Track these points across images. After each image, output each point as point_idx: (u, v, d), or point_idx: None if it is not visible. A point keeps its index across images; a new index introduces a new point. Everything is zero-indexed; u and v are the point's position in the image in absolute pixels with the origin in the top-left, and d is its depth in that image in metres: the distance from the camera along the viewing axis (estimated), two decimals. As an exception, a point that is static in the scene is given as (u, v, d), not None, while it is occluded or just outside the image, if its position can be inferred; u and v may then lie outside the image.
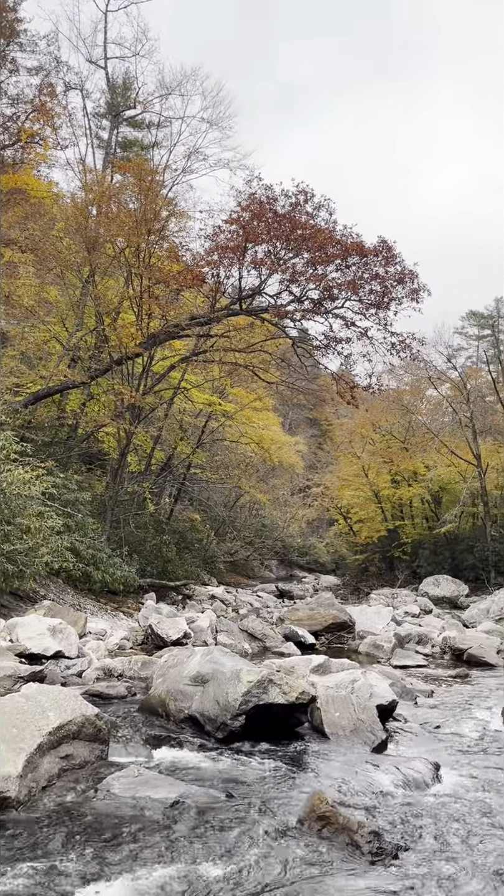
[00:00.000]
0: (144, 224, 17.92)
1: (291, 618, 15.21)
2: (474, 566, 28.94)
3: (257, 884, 3.85)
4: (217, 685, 6.91)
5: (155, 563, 19.16)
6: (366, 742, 6.64)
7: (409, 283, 17.81)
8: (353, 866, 4.12)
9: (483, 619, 16.79)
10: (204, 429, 25.48)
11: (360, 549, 36.63)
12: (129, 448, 19.52)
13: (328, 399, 26.11)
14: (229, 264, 18.19)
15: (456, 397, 33.76)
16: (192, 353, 20.52)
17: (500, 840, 4.59)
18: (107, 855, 4.09)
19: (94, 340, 18.98)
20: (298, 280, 18.13)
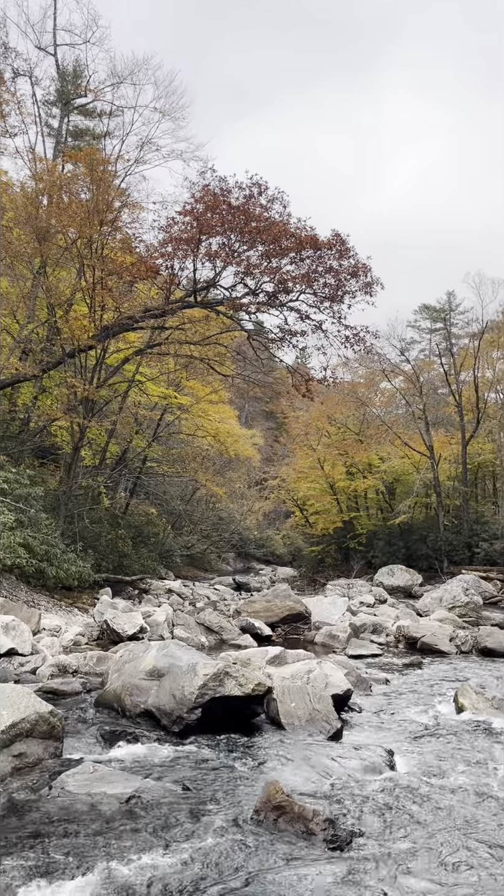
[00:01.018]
0: (97, 215, 17.64)
1: (248, 610, 15.25)
2: (428, 556, 29.45)
3: (214, 875, 3.86)
4: (173, 679, 6.89)
5: (110, 557, 18.96)
6: (321, 731, 6.71)
7: (362, 276, 17.92)
8: (309, 854, 4.17)
9: (436, 607, 17.09)
10: (159, 422, 25.28)
11: (316, 541, 36.90)
12: (83, 442, 19.25)
13: (284, 392, 26.21)
14: (183, 256, 18.04)
15: (409, 390, 34.22)
16: (146, 346, 20.32)
17: (448, 822, 4.70)
18: (60, 852, 4.06)
19: (46, 332, 18.62)
20: (253, 273, 18.07)
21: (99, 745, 6.14)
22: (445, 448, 32.53)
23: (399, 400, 36.52)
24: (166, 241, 17.96)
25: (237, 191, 17.67)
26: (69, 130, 28.77)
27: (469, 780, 5.56)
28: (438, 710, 8.08)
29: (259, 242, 17.61)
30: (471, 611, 16.89)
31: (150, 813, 4.67)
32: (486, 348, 33.10)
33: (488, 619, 16.47)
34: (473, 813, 4.86)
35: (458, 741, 6.73)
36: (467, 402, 32.54)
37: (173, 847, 4.18)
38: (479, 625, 15.20)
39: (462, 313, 39.68)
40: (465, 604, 17.07)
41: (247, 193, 17.64)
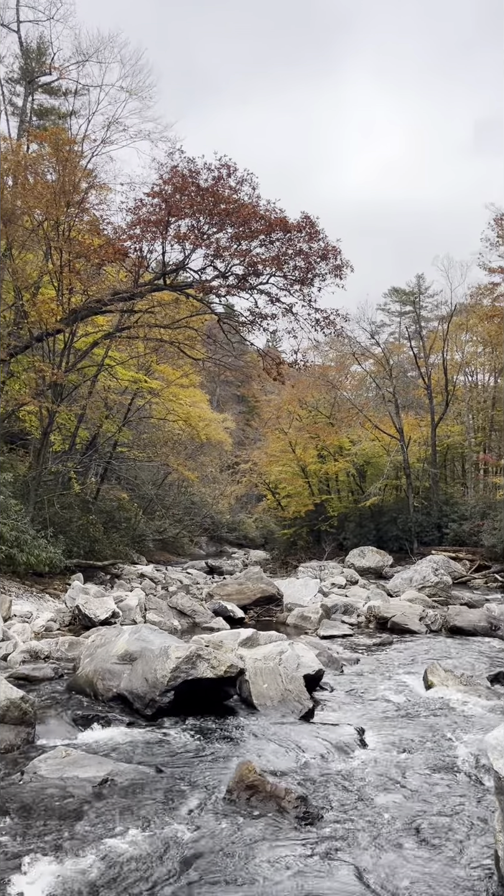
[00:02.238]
0: (63, 196, 17.36)
1: (220, 593, 15.30)
2: (398, 537, 29.80)
3: (188, 854, 3.89)
4: (145, 663, 6.91)
5: (82, 543, 18.87)
6: (293, 711, 6.78)
7: (332, 259, 17.93)
8: (282, 831, 4.22)
9: (407, 587, 17.32)
10: (130, 406, 25.13)
11: (288, 524, 37.12)
12: (52, 427, 19.07)
13: (255, 375, 26.17)
14: (152, 238, 17.86)
15: (379, 373, 34.43)
16: (115, 329, 20.13)
17: (416, 796, 4.79)
18: (32, 836, 4.06)
19: (13, 316, 18.35)
20: (223, 255, 17.98)
21: (71, 730, 6.13)
22: (415, 430, 32.85)
23: (369, 383, 36.76)
24: (134, 223, 17.76)
25: (206, 172, 17.53)
26: (34, 109, 28.19)
27: (437, 755, 5.67)
28: (408, 687, 8.20)
29: (228, 224, 17.50)
30: (440, 590, 17.16)
31: (124, 796, 4.69)
32: (455, 331, 33.43)
33: (457, 599, 16.74)
34: (441, 787, 4.96)
35: (427, 718, 6.84)
36: (436, 384, 32.86)
37: (148, 828, 4.20)
38: (448, 604, 15.45)
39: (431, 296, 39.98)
40: (434, 584, 17.33)
41: (216, 175, 17.51)
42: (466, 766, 5.37)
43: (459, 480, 36.12)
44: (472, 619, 12.68)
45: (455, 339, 34.46)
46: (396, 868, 3.79)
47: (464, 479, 35.59)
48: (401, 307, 43.89)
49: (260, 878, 3.63)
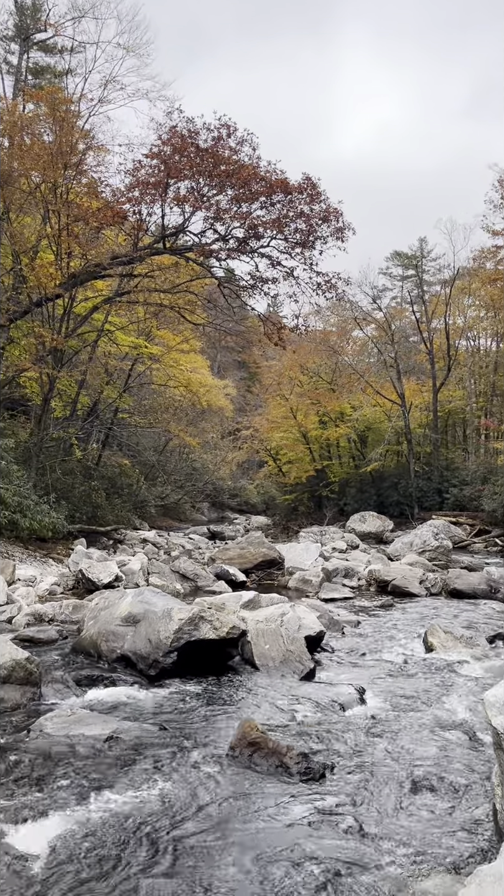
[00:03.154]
0: (60, 157, 17.05)
1: (222, 557, 15.41)
2: (399, 502, 29.92)
3: (192, 808, 3.98)
4: (149, 624, 6.98)
5: (84, 509, 18.95)
6: (295, 671, 6.87)
7: (333, 221, 17.68)
8: (284, 787, 4.30)
9: (407, 551, 17.44)
10: (130, 372, 25.02)
11: (289, 490, 37.25)
12: (53, 393, 19.02)
13: (256, 341, 26.04)
14: (151, 201, 17.59)
15: (381, 338, 34.23)
16: (115, 294, 19.93)
17: (416, 753, 4.88)
18: (40, 791, 4.14)
19: (12, 281, 18.17)
20: (223, 218, 17.73)
21: (76, 690, 6.22)
22: (417, 396, 32.77)
23: (371, 348, 36.58)
24: (133, 186, 17.48)
25: (205, 132, 17.21)
26: (29, 68, 27.62)
27: (436, 712, 5.76)
28: (408, 649, 8.30)
29: (228, 186, 17.23)
30: (440, 554, 17.28)
31: (129, 752, 4.77)
32: (458, 295, 33.13)
33: (457, 563, 16.87)
34: (440, 743, 5.05)
35: (426, 678, 6.94)
36: (438, 349, 32.69)
37: (152, 783, 4.28)
38: (448, 568, 15.57)
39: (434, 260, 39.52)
40: (434, 548, 17.44)
41: (215, 135, 17.20)
42: (465, 724, 5.46)
43: (461, 446, 36.14)
44: (472, 582, 12.78)
45: (457, 304, 34.17)
46: (396, 821, 3.87)
47: (465, 445, 35.60)
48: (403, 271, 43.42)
49: (262, 831, 3.71)
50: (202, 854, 3.46)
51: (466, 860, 3.39)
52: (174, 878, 3.25)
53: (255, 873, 3.26)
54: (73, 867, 3.32)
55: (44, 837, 3.59)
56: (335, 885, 3.17)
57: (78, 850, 3.47)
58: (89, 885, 3.19)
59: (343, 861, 3.38)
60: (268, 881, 3.19)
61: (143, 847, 3.53)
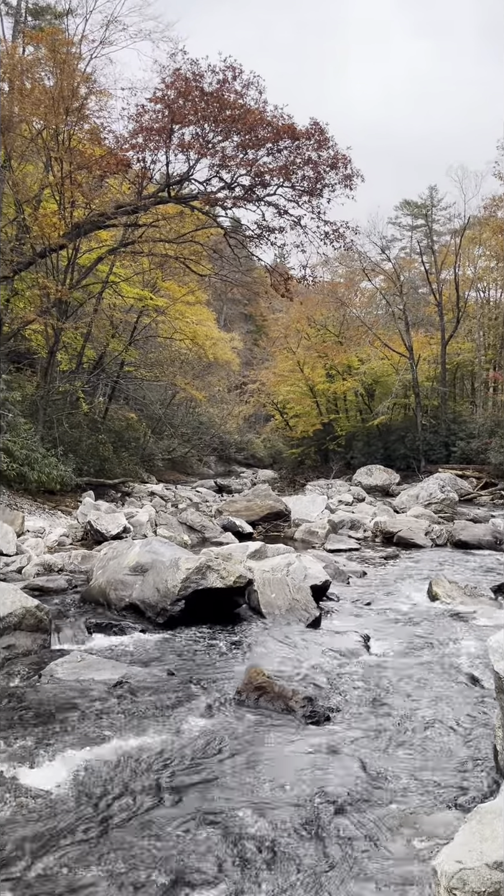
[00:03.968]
0: (62, 102, 16.62)
1: (229, 509, 15.52)
2: (405, 455, 29.93)
3: (199, 749, 4.07)
4: (156, 573, 7.07)
5: (92, 462, 19.04)
6: (300, 619, 6.97)
7: (342, 168, 17.26)
8: (290, 729, 4.40)
9: (413, 504, 17.52)
10: (136, 325, 24.82)
11: (296, 443, 37.28)
12: (59, 346, 18.92)
13: (263, 292, 25.67)
14: (155, 148, 17.19)
15: (389, 289, 33.78)
16: (119, 244, 19.64)
17: (419, 698, 4.97)
18: (53, 733, 4.24)
19: (15, 231, 17.92)
20: (229, 165, 17.33)
21: (86, 637, 6.34)
22: (425, 348, 32.49)
23: (379, 300, 36.14)
24: (137, 132, 17.07)
25: (210, 75, 16.72)
26: (28, 8, 26.74)
27: (440, 659, 5.85)
28: (413, 598, 8.40)
29: (234, 132, 16.80)
30: (446, 507, 17.35)
31: (138, 696, 4.87)
32: (468, 245, 32.53)
33: (463, 515, 16.95)
34: (444, 688, 5.14)
35: (431, 626, 7.03)
36: (447, 300, 32.26)
37: (161, 725, 4.38)
38: (454, 520, 15.65)
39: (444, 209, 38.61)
40: (441, 500, 17.51)
41: (220, 78, 16.71)
42: (469, 670, 5.55)
43: (468, 399, 35.94)
44: (478, 533, 12.86)
45: (467, 254, 33.56)
46: (399, 761, 3.96)
47: (473, 398, 35.41)
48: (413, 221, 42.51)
49: (268, 770, 3.80)
50: (209, 791, 3.56)
51: (468, 798, 3.48)
52: (183, 811, 3.34)
53: (262, 808, 3.35)
54: (85, 803, 3.43)
55: (56, 777, 3.69)
56: (339, 820, 3.26)
57: (89, 787, 3.57)
58: (101, 818, 3.29)
59: (347, 798, 3.47)
60: (274, 815, 3.28)
61: (152, 784, 3.63)
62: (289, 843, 3.07)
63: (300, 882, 2.80)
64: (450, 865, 2.49)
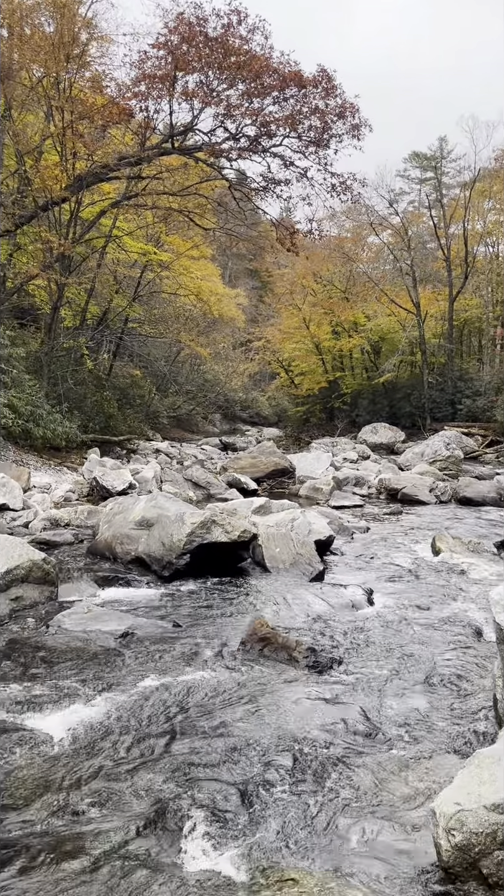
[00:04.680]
0: (62, 48, 16.15)
1: (234, 466, 15.56)
2: (411, 413, 29.83)
3: (203, 696, 4.15)
4: (162, 528, 7.12)
5: (97, 419, 19.05)
6: (304, 573, 7.04)
7: (349, 117, 16.82)
8: (293, 678, 4.47)
9: (418, 461, 17.52)
10: (140, 280, 24.54)
11: (301, 401, 37.15)
12: (62, 302, 18.76)
13: (268, 247, 25.33)
14: (158, 96, 16.75)
15: (397, 244, 33.23)
16: (122, 197, 19.29)
17: (421, 648, 5.04)
18: (61, 681, 4.33)
19: (17, 184, 17.60)
20: (233, 115, 16.91)
21: (92, 589, 6.42)
22: (432, 305, 32.09)
23: (386, 255, 35.57)
24: (139, 80, 16.63)
25: (214, 19, 16.21)
26: None
27: (442, 612, 5.91)
28: (416, 553, 8.46)
29: (239, 80, 16.36)
30: (451, 464, 17.35)
31: (144, 647, 4.96)
32: (477, 198, 31.85)
33: (468, 472, 16.95)
34: (445, 639, 5.21)
35: (434, 580, 7.09)
36: (456, 256, 31.73)
37: (167, 674, 4.46)
38: (458, 477, 15.66)
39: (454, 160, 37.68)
40: (445, 458, 17.50)
41: (225, 22, 16.21)
42: (470, 622, 5.61)
43: (475, 356, 35.60)
44: (482, 490, 12.88)
45: (477, 208, 32.85)
46: (400, 709, 4.03)
47: (480, 355, 35.09)
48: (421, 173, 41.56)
49: (271, 717, 3.88)
50: (212, 736, 3.63)
51: (467, 744, 3.55)
52: (187, 754, 3.43)
53: (264, 752, 3.43)
54: (92, 747, 3.51)
55: (63, 723, 3.77)
56: (340, 763, 3.33)
57: (96, 733, 3.66)
58: (106, 761, 3.38)
59: (349, 743, 3.55)
60: (276, 758, 3.36)
61: (156, 730, 3.71)
62: (291, 784, 3.14)
63: (300, 819, 2.88)
64: (448, 807, 2.55)
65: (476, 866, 2.44)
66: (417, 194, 42.29)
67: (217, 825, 2.84)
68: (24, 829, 2.86)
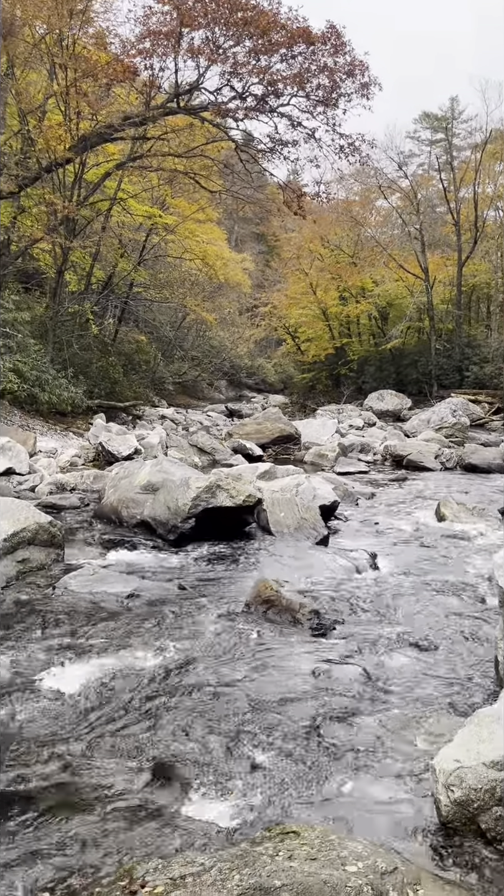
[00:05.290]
0: (65, 4, 15.76)
1: (240, 432, 15.57)
2: (418, 380, 29.67)
3: (207, 657, 4.21)
4: (167, 492, 7.15)
5: (102, 384, 19.02)
6: (309, 537, 7.07)
7: (359, 75, 16.44)
8: (296, 639, 4.52)
9: (424, 428, 17.49)
10: (145, 244, 24.28)
11: (307, 368, 36.96)
12: (67, 265, 18.61)
13: (275, 210, 24.94)
14: (163, 54, 16.38)
15: (406, 208, 32.70)
16: (127, 159, 18.99)
17: (423, 612, 5.08)
18: (67, 641, 4.38)
19: (20, 144, 17.33)
20: (240, 73, 16.54)
21: (98, 552, 6.49)
22: (441, 270, 31.68)
23: (395, 219, 35.01)
24: (144, 36, 16.26)
25: (221, -29, 15.73)
26: None
27: (446, 577, 5.95)
28: (421, 519, 8.48)
29: (246, 36, 15.97)
30: (457, 431, 17.31)
31: (149, 609, 5.01)
32: (489, 161, 31.22)
33: (474, 439, 16.91)
34: (448, 603, 5.25)
35: (438, 546, 7.12)
36: (465, 220, 31.21)
37: (172, 635, 4.52)
38: (464, 444, 15.63)
39: (465, 121, 36.88)
40: (452, 425, 17.45)
41: (232, -24, 15.72)
42: (474, 587, 5.65)
43: (484, 322, 35.24)
44: (488, 457, 12.87)
45: (488, 170, 32.20)
46: (402, 669, 4.08)
47: (488, 321, 34.72)
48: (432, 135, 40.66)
49: (275, 677, 3.93)
50: (216, 694, 3.68)
51: (468, 704, 3.59)
52: (191, 710, 3.48)
53: (267, 710, 3.48)
54: (99, 703, 3.57)
55: (70, 682, 3.83)
56: (342, 722, 3.39)
57: (102, 689, 3.72)
58: (113, 716, 3.44)
59: (351, 703, 3.60)
60: (279, 717, 3.41)
61: (161, 687, 3.77)
62: (293, 741, 3.20)
63: (301, 775, 2.94)
64: (448, 764, 2.59)
65: (475, 821, 2.49)
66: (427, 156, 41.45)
67: (220, 779, 2.89)
68: (33, 780, 2.92)
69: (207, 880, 2.04)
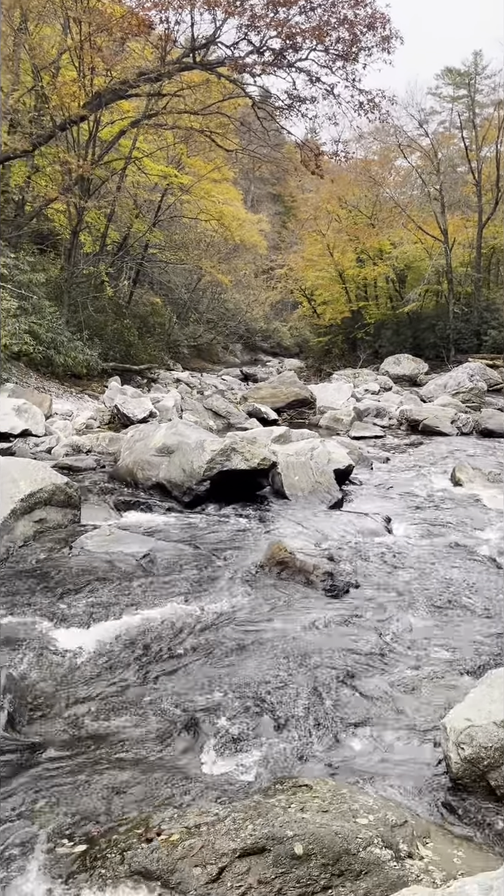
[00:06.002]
0: (79, -47, 15.38)
1: (255, 396, 15.52)
2: (435, 344, 29.33)
3: (221, 616, 4.26)
4: (182, 455, 7.17)
5: (117, 347, 18.99)
6: (323, 501, 7.09)
7: (380, 28, 15.94)
8: (310, 600, 4.56)
9: (440, 393, 17.34)
10: (160, 205, 23.98)
11: (323, 332, 36.62)
12: (82, 226, 18.45)
13: (292, 170, 24.49)
14: (179, 6, 15.94)
15: (426, 168, 31.99)
16: (142, 116, 18.64)
17: (438, 576, 5.10)
18: (84, 600, 4.44)
19: (34, 102, 17.05)
20: (258, 26, 16.08)
21: (114, 513, 6.54)
22: (460, 232, 31.07)
23: (415, 179, 34.29)
24: (159, -13, 15.81)
25: None
26: None
27: (460, 540, 5.96)
28: (436, 484, 8.46)
29: (265, -14, 15.48)
30: (474, 396, 17.16)
31: (165, 569, 5.07)
32: (513, 118, 30.34)
33: (491, 404, 16.73)
34: (463, 568, 5.26)
35: (453, 510, 7.12)
36: (487, 180, 30.51)
37: (187, 595, 4.57)
38: (481, 409, 15.49)
39: (489, 77, 35.79)
40: (469, 389, 17.30)
41: None
42: (488, 551, 5.65)
43: (503, 286, 34.67)
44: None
45: (512, 128, 31.37)
46: (415, 630, 4.12)
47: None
48: (454, 91, 39.55)
49: (288, 638, 3.98)
50: (230, 653, 3.74)
51: (480, 665, 3.62)
52: (206, 669, 3.54)
53: (281, 671, 3.53)
54: (115, 661, 3.64)
55: (85, 639, 3.89)
56: (355, 682, 3.43)
57: (119, 648, 3.78)
58: (128, 674, 3.51)
59: (363, 662, 3.64)
60: (292, 677, 3.46)
61: (176, 646, 3.83)
62: (306, 699, 3.25)
63: (314, 732, 2.99)
64: (459, 722, 2.63)
65: (484, 778, 2.53)
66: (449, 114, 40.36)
67: (234, 736, 2.95)
68: (51, 736, 2.99)
69: (221, 829, 2.10)
